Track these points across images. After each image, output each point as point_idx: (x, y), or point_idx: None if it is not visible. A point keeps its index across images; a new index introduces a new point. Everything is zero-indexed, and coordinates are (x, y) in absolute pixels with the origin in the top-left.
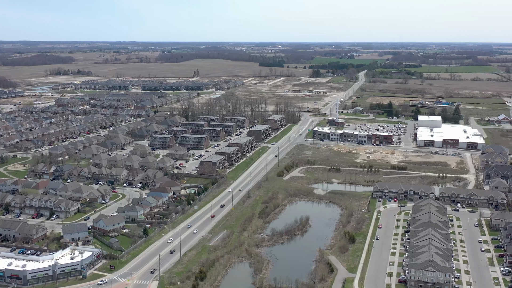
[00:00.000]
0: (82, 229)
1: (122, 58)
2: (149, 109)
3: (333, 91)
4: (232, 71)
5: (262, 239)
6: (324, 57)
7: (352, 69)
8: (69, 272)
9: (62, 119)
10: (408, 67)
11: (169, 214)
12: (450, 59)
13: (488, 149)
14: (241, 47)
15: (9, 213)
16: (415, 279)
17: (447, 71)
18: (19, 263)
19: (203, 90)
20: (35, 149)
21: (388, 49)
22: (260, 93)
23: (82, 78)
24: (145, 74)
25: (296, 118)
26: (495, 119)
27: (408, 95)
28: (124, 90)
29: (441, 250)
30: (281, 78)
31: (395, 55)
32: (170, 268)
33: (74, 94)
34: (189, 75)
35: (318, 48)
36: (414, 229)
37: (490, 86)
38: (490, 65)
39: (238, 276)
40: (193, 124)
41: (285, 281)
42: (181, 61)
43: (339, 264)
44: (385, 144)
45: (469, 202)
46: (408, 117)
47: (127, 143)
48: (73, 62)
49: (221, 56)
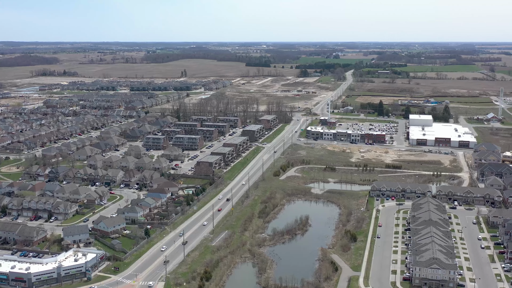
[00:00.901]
0: (83, 231)
1: (108, 58)
2: (139, 110)
3: (322, 91)
4: (219, 71)
5: (264, 238)
6: (309, 57)
7: (340, 68)
8: (74, 274)
9: (52, 120)
10: (394, 66)
11: (169, 215)
12: (434, 59)
13: (481, 147)
14: (226, 47)
15: (6, 216)
16: (420, 277)
17: (433, 70)
18: (22, 266)
19: (192, 91)
20: (27, 151)
21: (372, 49)
22: (249, 93)
23: (68, 79)
24: (132, 75)
25: (288, 118)
26: (484, 118)
27: (396, 95)
28: (113, 91)
29: (444, 247)
30: (269, 78)
31: (380, 54)
32: (174, 269)
33: (62, 95)
34: (176, 75)
35: (303, 48)
36: (416, 227)
37: (476, 85)
38: (474, 64)
39: (242, 276)
40: (185, 125)
41: (290, 280)
42: (167, 61)
43: (342, 262)
44: (378, 143)
45: (465, 200)
46: (398, 116)
47: (121, 144)
48: (58, 63)
49: (207, 56)
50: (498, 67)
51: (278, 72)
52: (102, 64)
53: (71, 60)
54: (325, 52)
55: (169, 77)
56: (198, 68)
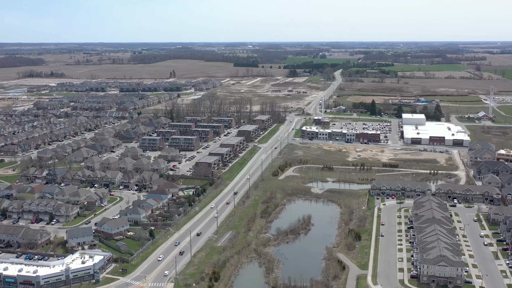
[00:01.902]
0: (87, 233)
1: (94, 59)
2: (132, 111)
3: (313, 91)
4: (208, 71)
5: (268, 238)
6: (296, 57)
7: (328, 68)
8: (82, 276)
9: (44, 122)
10: (381, 66)
11: (171, 216)
12: (420, 58)
13: (476, 145)
14: (212, 48)
15: (6, 219)
16: (428, 274)
17: (420, 70)
18: (29, 269)
19: (183, 91)
20: (22, 153)
21: (358, 49)
22: (240, 93)
23: (56, 80)
24: (120, 76)
25: (281, 118)
26: (475, 116)
27: (386, 94)
28: (103, 92)
29: (450, 245)
30: (258, 78)
31: (366, 54)
32: (182, 269)
33: (51, 97)
34: (165, 76)
35: (289, 48)
36: (420, 225)
37: (464, 84)
38: (459, 63)
39: (249, 276)
40: (180, 125)
41: (299, 279)
42: (155, 62)
43: (349, 261)
44: (373, 142)
45: (464, 198)
46: (391, 116)
47: (116, 145)
48: (44, 64)
49: (194, 57)
50: (483, 66)
51: (267, 72)
52: (89, 65)
53: (57, 61)
54: (311, 52)
55: (157, 77)
56: (186, 69)
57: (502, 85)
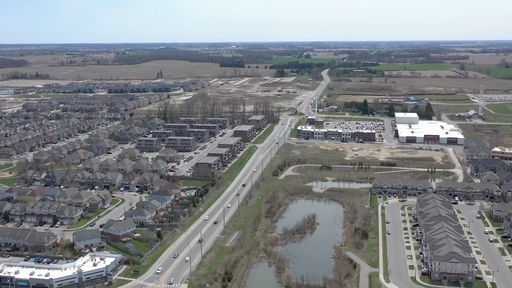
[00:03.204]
0: (94, 235)
1: (78, 60)
2: (123, 112)
3: (302, 91)
4: (194, 72)
5: (276, 238)
6: (281, 57)
7: (316, 68)
8: (95, 279)
9: (36, 124)
10: (366, 65)
11: (177, 217)
12: (404, 57)
13: (471, 143)
14: (196, 48)
15: (9, 222)
16: (439, 271)
17: (406, 69)
18: (41, 272)
19: (172, 92)
20: (16, 155)
21: (341, 48)
22: (230, 93)
23: (42, 81)
24: (106, 77)
25: (275, 118)
26: (466, 115)
27: (375, 93)
28: (91, 93)
29: (459, 242)
30: (246, 79)
31: (350, 54)
32: (194, 270)
33: (39, 98)
34: (151, 76)
35: (273, 48)
36: (427, 223)
37: (451, 83)
38: (443, 63)
39: (261, 275)
40: (175, 126)
41: (312, 278)
42: (140, 62)
43: (359, 259)
44: (368, 142)
45: (465, 195)
46: (383, 115)
47: (112, 146)
48: (28, 65)
49: (179, 57)
50: (467, 65)
51: (254, 72)
52: (73, 66)
53: (41, 63)
54: (295, 52)
55: (144, 78)
56: (172, 69)
57: (487, 84)
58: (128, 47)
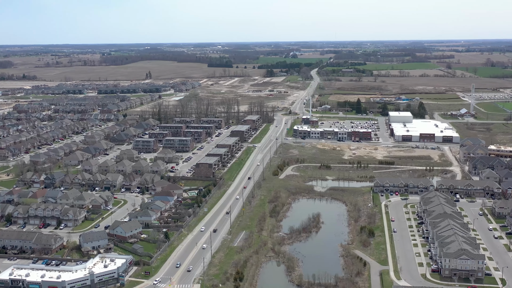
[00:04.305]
0: (101, 236)
1: (64, 61)
2: (116, 113)
3: (294, 90)
4: (183, 72)
5: (283, 237)
6: (268, 57)
7: (305, 68)
8: (107, 280)
9: (28, 125)
10: (354, 65)
11: (182, 218)
12: (391, 56)
13: (467, 141)
14: (181, 48)
15: (12, 224)
16: (449, 268)
17: (393, 68)
18: (53, 274)
19: (162, 92)
20: (12, 157)
21: (327, 48)
22: (221, 94)
23: (29, 82)
24: (95, 78)
25: (270, 118)
26: (458, 113)
27: (366, 92)
28: (81, 95)
29: (467, 239)
30: (236, 79)
31: (336, 53)
32: (205, 270)
33: (28, 100)
34: (140, 77)
35: (259, 48)
36: (433, 221)
37: (439, 82)
38: (429, 62)
39: (271, 275)
40: (171, 127)
41: (323, 276)
42: (127, 63)
43: (367, 258)
44: (365, 141)
45: (466, 193)
46: (376, 114)
47: (109, 148)
48: (13, 66)
49: (166, 58)
50: (454, 64)
51: (244, 73)
52: (60, 67)
53: (26, 64)
54: (282, 52)
55: (133, 79)
56: (160, 70)
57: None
58: (112, 48)
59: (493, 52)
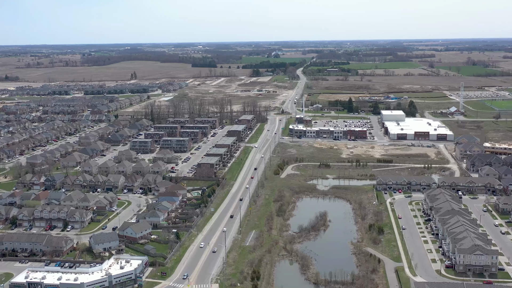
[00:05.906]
0: (112, 238)
1: (45, 62)
2: (107, 114)
3: (282, 90)
4: (167, 72)
5: (293, 236)
6: (251, 57)
7: (291, 67)
8: (124, 282)
9: (19, 127)
10: (338, 64)
11: (190, 218)
12: (373, 56)
13: (462, 139)
14: (162, 48)
15: (17, 227)
16: (464, 263)
17: (377, 68)
18: (69, 277)
19: (150, 93)
20: (7, 159)
21: (308, 48)
22: (210, 94)
23: (12, 84)
24: (79, 78)
25: (263, 118)
26: (448, 112)
27: (354, 92)
28: (67, 96)
29: (478, 235)
30: (222, 79)
31: (318, 53)
32: (221, 270)
33: (14, 101)
34: (125, 77)
35: (240, 48)
36: (442, 217)
37: (425, 81)
38: (411, 61)
39: (287, 273)
40: (166, 127)
41: (339, 274)
42: (109, 63)
43: (380, 255)
44: (360, 139)
45: (468, 190)
46: (368, 113)
47: (105, 149)
48: None
49: (149, 58)
50: (435, 63)
51: (230, 72)
52: (41, 68)
53: (6, 65)
54: (263, 52)
55: (118, 79)
56: (144, 70)
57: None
58: (92, 48)
59: (472, 51)
